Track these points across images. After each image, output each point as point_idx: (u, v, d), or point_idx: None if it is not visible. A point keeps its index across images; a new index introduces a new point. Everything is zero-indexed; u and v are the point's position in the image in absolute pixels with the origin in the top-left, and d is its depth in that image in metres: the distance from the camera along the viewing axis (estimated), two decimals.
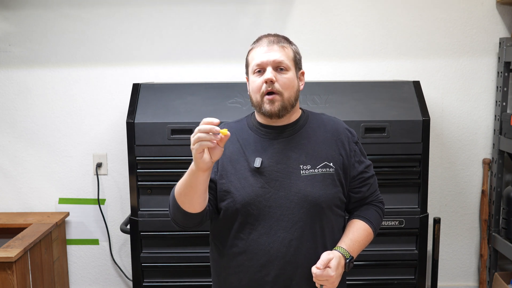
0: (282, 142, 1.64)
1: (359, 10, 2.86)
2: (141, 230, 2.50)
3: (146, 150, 2.46)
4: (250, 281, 1.61)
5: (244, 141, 1.66)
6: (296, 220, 1.58)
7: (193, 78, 2.88)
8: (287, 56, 1.62)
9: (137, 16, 2.87)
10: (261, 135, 1.66)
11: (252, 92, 1.63)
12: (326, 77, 2.90)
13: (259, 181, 1.59)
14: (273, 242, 1.58)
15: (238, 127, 1.71)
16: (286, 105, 1.60)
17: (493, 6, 2.85)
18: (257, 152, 1.62)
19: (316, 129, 1.68)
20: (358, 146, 1.72)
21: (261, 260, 1.59)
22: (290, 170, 1.60)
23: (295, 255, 1.58)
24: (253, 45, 1.66)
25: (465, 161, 2.95)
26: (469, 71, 2.90)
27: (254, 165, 1.60)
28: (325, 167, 1.62)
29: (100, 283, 3.06)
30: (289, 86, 1.61)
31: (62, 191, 3.00)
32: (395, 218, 2.48)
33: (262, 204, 1.59)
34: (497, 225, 2.88)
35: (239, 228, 1.62)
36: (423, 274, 2.51)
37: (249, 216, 1.60)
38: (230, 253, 1.64)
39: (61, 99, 2.93)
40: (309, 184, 1.59)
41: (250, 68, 1.63)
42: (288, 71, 1.62)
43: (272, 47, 1.61)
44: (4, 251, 2.38)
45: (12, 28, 2.89)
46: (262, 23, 2.87)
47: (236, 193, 1.60)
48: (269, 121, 1.66)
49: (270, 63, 1.59)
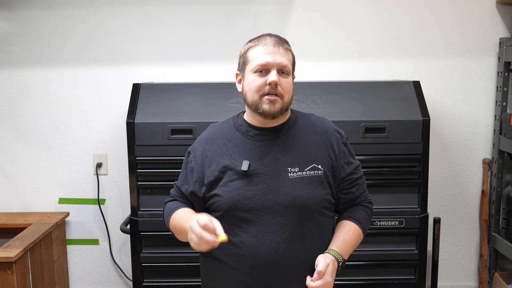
0: (270, 144, 1.63)
1: (359, 10, 2.86)
2: (141, 230, 2.50)
3: (146, 150, 2.46)
4: (238, 284, 1.61)
5: (231, 144, 1.65)
6: (284, 223, 1.58)
7: (193, 78, 2.88)
8: (289, 60, 1.62)
9: (137, 16, 2.87)
10: (249, 137, 1.65)
11: (249, 91, 1.60)
12: (326, 77, 2.90)
13: (247, 184, 1.59)
14: (261, 244, 1.57)
15: (224, 129, 1.70)
16: (284, 108, 1.60)
17: (493, 6, 2.85)
18: (245, 154, 1.62)
19: (305, 130, 1.67)
20: (347, 147, 1.71)
21: (249, 262, 1.59)
22: (277, 172, 1.60)
23: (283, 258, 1.58)
24: (255, 42, 1.62)
25: (465, 161, 2.95)
26: (469, 71, 2.90)
27: (242, 168, 1.59)
28: (313, 170, 1.61)
29: (100, 283, 3.06)
30: (289, 90, 1.61)
31: (62, 191, 3.00)
32: (395, 218, 2.48)
33: (250, 207, 1.58)
34: (497, 225, 2.88)
35: (227, 231, 1.60)
36: (423, 274, 2.51)
37: (236, 219, 1.60)
38: (218, 255, 1.64)
39: (61, 99, 2.93)
40: (297, 186, 1.59)
41: (251, 66, 1.60)
42: (289, 76, 1.62)
43: (278, 49, 1.59)
44: (4, 251, 2.38)
45: (12, 28, 2.90)
46: (262, 23, 2.87)
47: (224, 197, 1.60)
48: (259, 122, 1.65)
49: (276, 66, 1.58)
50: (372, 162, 2.47)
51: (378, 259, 2.51)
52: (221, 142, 1.66)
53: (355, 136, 2.43)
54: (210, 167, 1.64)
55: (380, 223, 2.48)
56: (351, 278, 2.52)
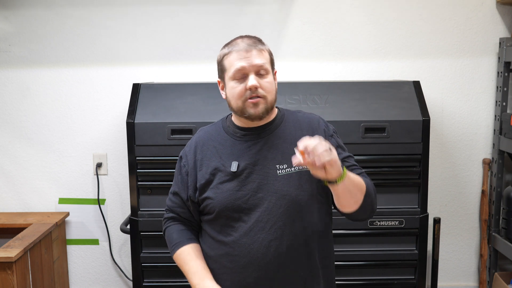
0: (258, 143, 1.64)
1: (359, 10, 2.86)
2: (141, 230, 2.50)
3: (146, 150, 2.46)
4: (232, 283, 1.62)
5: (220, 146, 1.66)
6: (275, 221, 1.58)
7: (193, 78, 2.88)
8: (265, 59, 1.61)
9: (137, 16, 2.87)
10: (237, 138, 1.66)
11: (232, 98, 1.61)
12: (326, 77, 2.90)
13: (237, 184, 1.60)
14: (253, 243, 1.58)
15: (213, 131, 1.71)
16: (268, 107, 1.61)
17: (493, 6, 2.85)
18: (234, 155, 1.63)
19: (292, 127, 1.67)
20: (334, 139, 1.69)
21: (242, 262, 1.59)
22: (266, 171, 1.61)
23: (275, 256, 1.58)
24: (229, 49, 1.63)
25: (465, 161, 2.95)
26: (469, 71, 2.90)
27: (231, 170, 1.61)
28: (301, 165, 1.61)
29: (100, 283, 3.06)
30: (271, 89, 1.61)
31: (62, 191, 3.00)
32: (395, 218, 2.48)
33: (241, 207, 1.60)
34: (497, 225, 2.88)
35: (220, 232, 1.63)
36: (423, 274, 2.51)
37: (229, 219, 1.61)
38: (213, 256, 1.65)
39: (61, 99, 2.93)
40: (286, 183, 1.59)
41: (229, 74, 1.61)
42: (268, 75, 1.61)
43: (251, 52, 1.59)
44: (4, 251, 2.38)
45: (12, 28, 2.89)
46: (262, 23, 2.87)
47: (215, 199, 1.61)
48: (247, 123, 1.65)
49: (252, 69, 1.58)
50: (372, 162, 2.47)
51: (378, 259, 2.51)
52: (211, 144, 1.68)
53: (355, 136, 2.43)
54: (201, 170, 1.66)
55: (380, 223, 2.48)
56: (351, 278, 2.52)
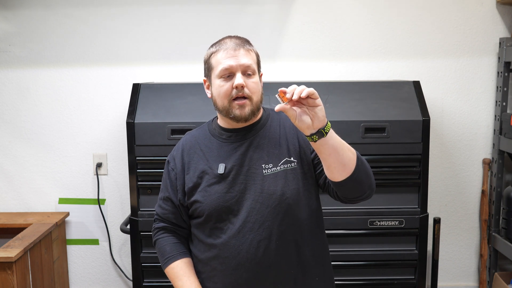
0: (244, 144, 1.64)
1: (359, 10, 2.86)
2: (141, 230, 2.50)
3: (146, 150, 2.46)
4: (224, 285, 1.62)
5: (207, 149, 1.67)
6: (263, 220, 1.58)
7: (193, 78, 2.88)
8: (253, 60, 1.62)
9: (137, 16, 2.88)
10: (223, 140, 1.66)
11: (218, 96, 1.61)
12: (326, 77, 2.90)
13: (225, 186, 1.61)
14: (242, 244, 1.58)
15: (200, 135, 1.72)
16: (254, 109, 1.61)
17: (493, 6, 2.85)
18: (220, 158, 1.64)
19: (276, 127, 1.68)
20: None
21: (232, 263, 1.60)
22: (253, 171, 1.61)
23: (265, 256, 1.58)
24: (216, 47, 1.63)
25: (465, 161, 2.95)
26: (469, 71, 2.90)
27: (218, 172, 1.61)
28: (287, 163, 1.62)
29: (100, 283, 3.06)
30: (257, 90, 1.62)
31: (62, 191, 3.00)
32: (395, 218, 2.48)
33: (230, 209, 1.60)
34: (497, 225, 2.88)
35: (209, 234, 1.63)
36: (423, 274, 2.51)
37: (218, 221, 1.61)
38: (203, 259, 1.66)
39: (61, 99, 2.93)
40: (272, 182, 1.60)
41: (216, 72, 1.61)
42: (255, 75, 1.61)
43: (239, 51, 1.59)
44: (4, 251, 2.38)
45: (12, 28, 2.89)
46: (262, 23, 2.87)
47: (204, 202, 1.62)
48: (232, 124, 1.65)
49: (239, 68, 1.58)
50: (372, 162, 2.46)
51: (378, 259, 2.51)
52: (197, 147, 1.69)
53: (355, 136, 2.43)
54: (188, 173, 1.67)
55: (380, 223, 2.48)
56: (351, 278, 2.52)
